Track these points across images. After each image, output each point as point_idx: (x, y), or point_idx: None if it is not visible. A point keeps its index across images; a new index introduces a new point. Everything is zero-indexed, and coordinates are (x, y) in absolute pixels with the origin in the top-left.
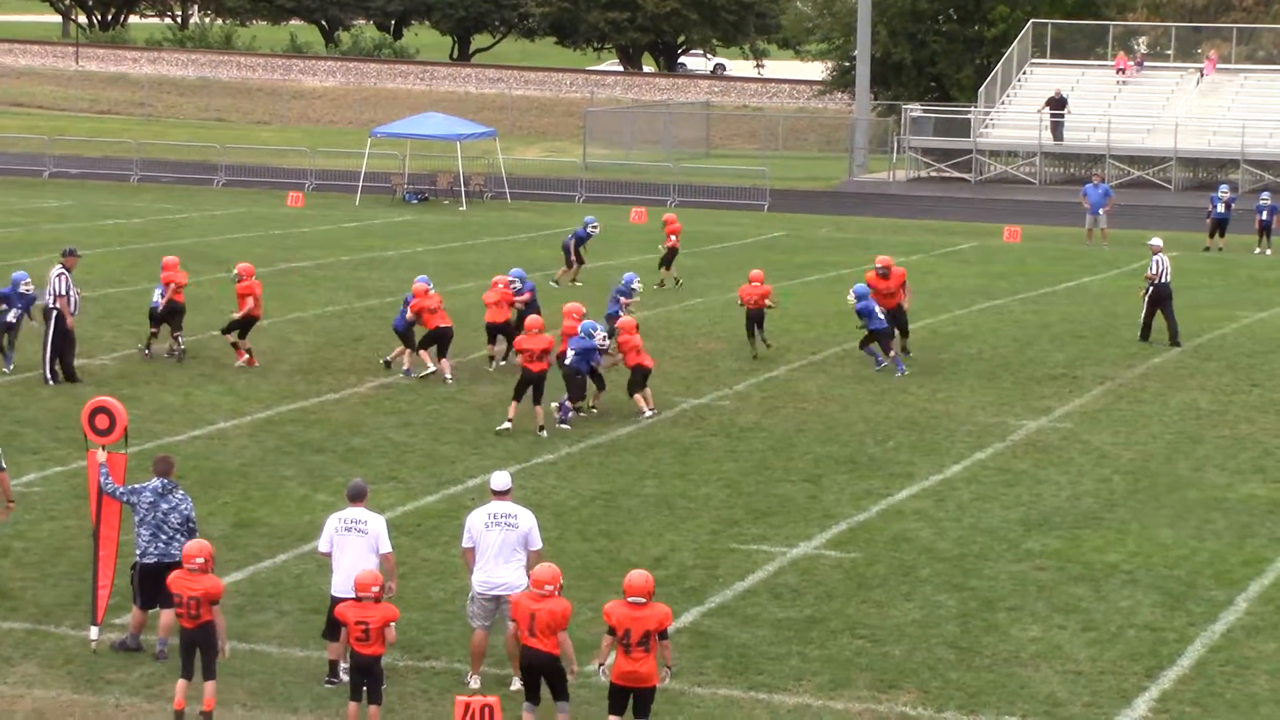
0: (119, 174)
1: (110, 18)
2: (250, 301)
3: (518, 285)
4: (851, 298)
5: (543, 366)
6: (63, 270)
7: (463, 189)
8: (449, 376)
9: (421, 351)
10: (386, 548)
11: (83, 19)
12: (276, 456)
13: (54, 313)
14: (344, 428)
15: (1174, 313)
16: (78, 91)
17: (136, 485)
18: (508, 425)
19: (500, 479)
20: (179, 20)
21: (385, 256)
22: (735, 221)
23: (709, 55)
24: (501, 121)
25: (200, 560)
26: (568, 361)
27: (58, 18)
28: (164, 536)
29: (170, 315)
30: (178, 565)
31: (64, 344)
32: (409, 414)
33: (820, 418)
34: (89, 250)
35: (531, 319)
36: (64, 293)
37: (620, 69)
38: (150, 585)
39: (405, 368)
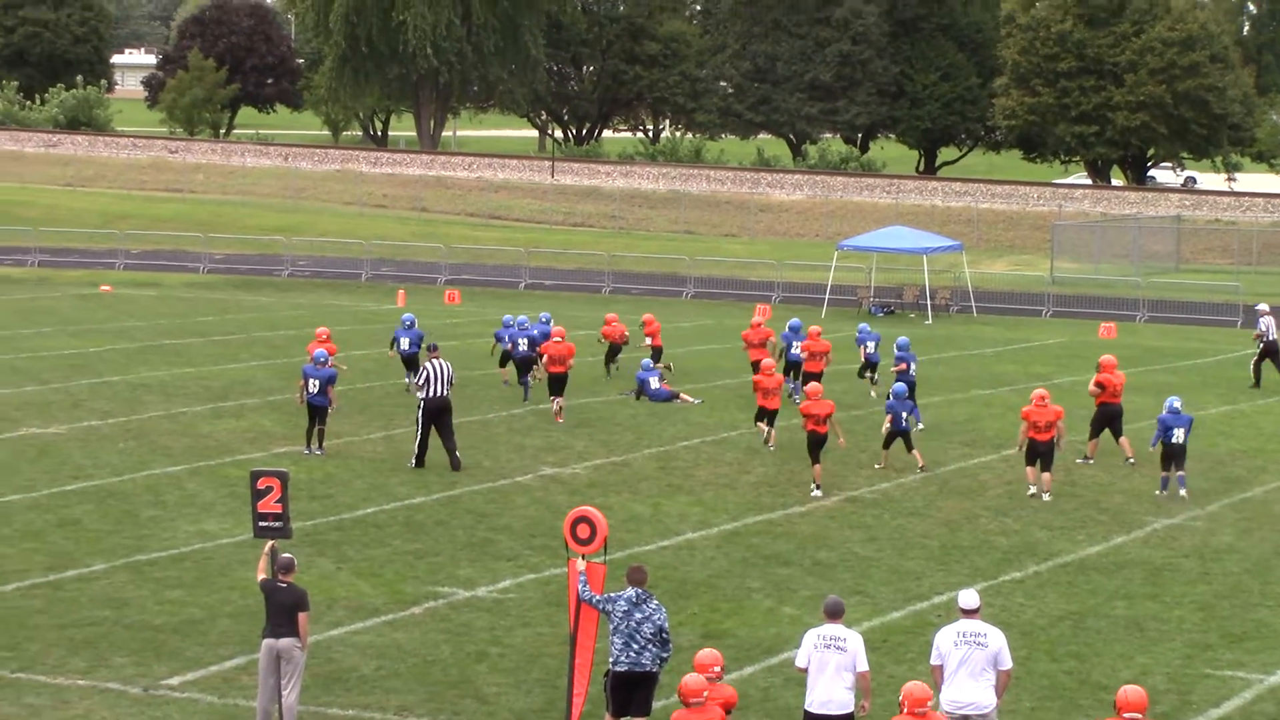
0: (591, 285)
1: (585, 132)
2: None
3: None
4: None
5: (825, 429)
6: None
7: (929, 302)
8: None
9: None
10: (864, 666)
11: (559, 133)
12: (743, 568)
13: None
14: (810, 541)
15: None
16: (553, 204)
17: (612, 594)
18: (818, 491)
19: (969, 597)
20: (650, 135)
21: (845, 369)
22: (1207, 338)
23: (1178, 168)
24: (968, 235)
25: (717, 669)
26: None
27: (535, 132)
28: (635, 646)
29: (317, 412)
30: (649, 675)
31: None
32: (874, 529)
33: None
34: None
35: (811, 386)
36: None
37: (1088, 182)
38: (623, 693)
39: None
